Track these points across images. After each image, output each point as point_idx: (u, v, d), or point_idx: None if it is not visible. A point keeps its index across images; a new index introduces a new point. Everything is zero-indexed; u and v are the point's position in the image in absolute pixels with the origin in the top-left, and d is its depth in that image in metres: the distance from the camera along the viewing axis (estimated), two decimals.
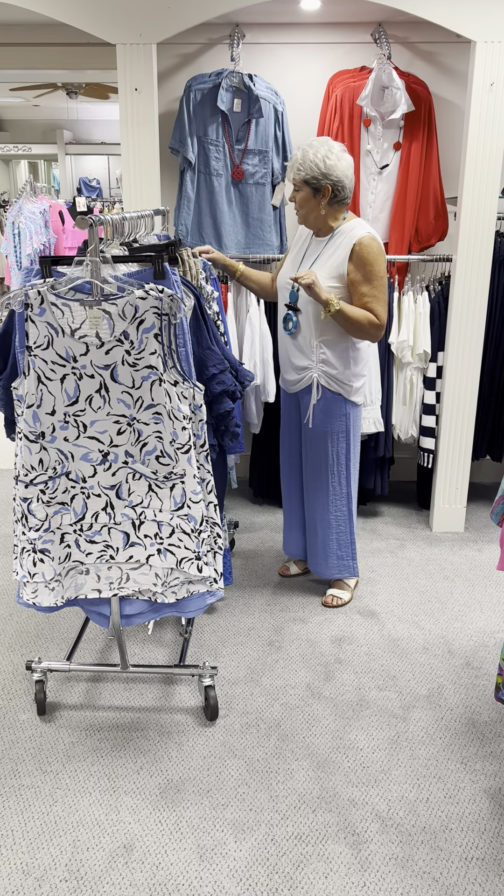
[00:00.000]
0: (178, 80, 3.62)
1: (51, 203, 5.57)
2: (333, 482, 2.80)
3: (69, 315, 1.89)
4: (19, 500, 2.06)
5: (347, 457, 2.79)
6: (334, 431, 2.73)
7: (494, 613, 2.91)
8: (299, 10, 3.34)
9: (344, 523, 2.87)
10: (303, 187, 2.53)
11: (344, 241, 2.56)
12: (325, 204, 2.54)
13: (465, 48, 3.44)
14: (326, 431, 2.73)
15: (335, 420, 2.72)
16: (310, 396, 2.71)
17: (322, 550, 2.91)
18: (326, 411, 2.71)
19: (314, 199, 2.54)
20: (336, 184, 2.50)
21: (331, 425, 2.72)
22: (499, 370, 3.59)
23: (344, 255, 2.54)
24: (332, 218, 2.59)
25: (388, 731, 2.26)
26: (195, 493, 2.03)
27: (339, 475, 2.79)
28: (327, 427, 2.72)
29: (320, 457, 2.77)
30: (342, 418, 2.73)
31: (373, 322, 2.54)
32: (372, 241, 2.53)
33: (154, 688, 2.47)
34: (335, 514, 2.85)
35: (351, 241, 2.54)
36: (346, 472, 2.81)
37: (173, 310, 1.87)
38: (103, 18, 3.05)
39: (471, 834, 1.90)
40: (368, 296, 2.54)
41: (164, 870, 1.80)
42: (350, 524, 2.88)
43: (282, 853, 1.85)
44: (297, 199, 2.58)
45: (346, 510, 2.86)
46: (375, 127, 3.35)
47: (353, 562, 2.93)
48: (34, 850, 1.86)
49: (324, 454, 2.76)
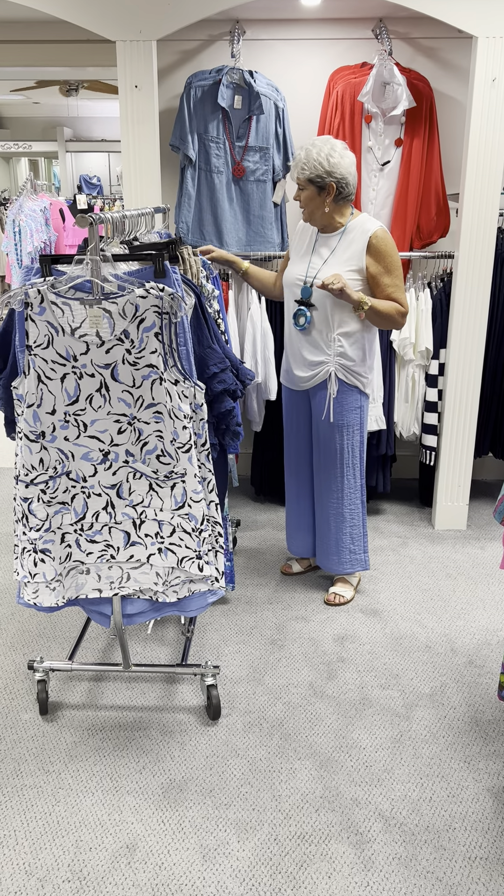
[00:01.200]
0: (179, 76, 3.60)
1: (51, 200, 5.56)
2: (348, 475, 2.81)
3: (69, 314, 1.88)
4: (20, 500, 2.05)
5: (361, 449, 2.83)
6: (350, 424, 2.75)
7: (497, 611, 2.91)
8: (300, 6, 3.32)
9: (358, 516, 2.88)
10: (307, 186, 2.56)
11: (357, 236, 2.60)
12: (329, 201, 2.57)
13: (466, 44, 3.42)
14: (343, 424, 2.75)
15: (351, 413, 2.75)
16: (324, 391, 2.72)
17: (335, 546, 2.91)
18: (343, 404, 2.73)
19: (319, 197, 2.57)
20: (340, 181, 2.55)
21: (347, 418, 2.74)
22: (501, 367, 3.58)
23: (360, 249, 2.59)
24: (339, 214, 2.63)
25: (391, 730, 2.25)
26: (196, 493, 2.03)
27: (353, 467, 2.81)
28: (344, 420, 2.74)
29: (336, 451, 2.78)
30: (357, 411, 2.76)
31: (400, 311, 2.64)
32: (385, 234, 2.61)
33: (156, 687, 2.46)
34: (349, 507, 2.86)
35: (365, 235, 2.59)
36: (360, 464, 2.84)
37: (174, 308, 1.86)
38: (103, 15, 3.03)
39: (474, 833, 1.89)
40: (392, 286, 2.62)
41: (167, 870, 1.80)
42: (363, 517, 2.90)
43: (285, 853, 1.84)
44: (301, 198, 2.61)
45: (359, 502, 2.88)
46: (377, 123, 3.33)
47: (364, 555, 2.95)
48: (37, 851, 1.85)
49: (339, 448, 2.78)
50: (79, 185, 12.18)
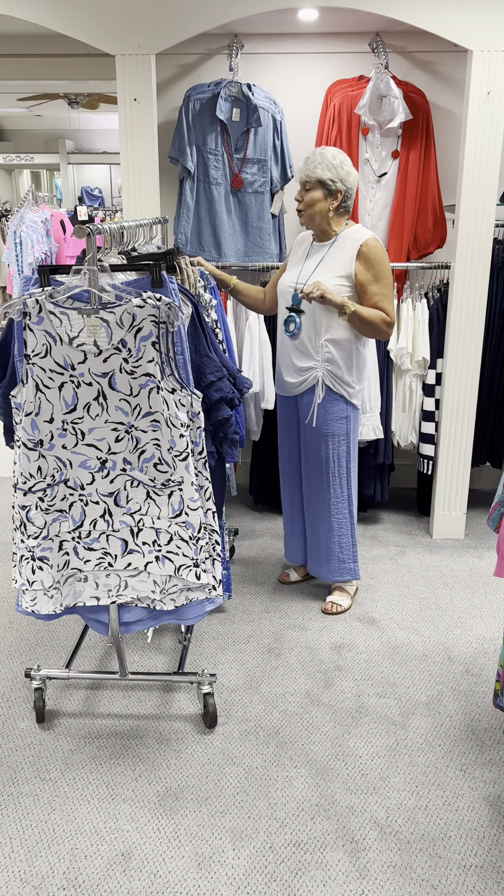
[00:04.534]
0: (178, 90, 3.64)
1: (52, 212, 5.60)
2: (334, 484, 2.82)
3: (67, 323, 1.90)
4: (18, 508, 2.07)
5: (347, 459, 2.82)
6: (335, 433, 2.76)
7: (494, 620, 2.91)
8: (297, 20, 3.36)
9: (345, 525, 2.88)
10: (317, 186, 2.58)
11: (348, 244, 2.63)
12: (334, 207, 2.61)
13: (462, 57, 3.46)
14: (328, 433, 2.76)
15: (336, 422, 2.75)
16: (311, 396, 2.74)
17: (324, 553, 2.92)
18: (328, 412, 2.74)
19: (325, 201, 2.59)
20: (346, 192, 2.60)
21: (332, 427, 2.75)
22: (498, 376, 3.60)
23: (351, 256, 2.61)
24: (336, 223, 2.66)
25: (388, 739, 2.26)
26: (193, 501, 2.04)
27: (339, 477, 2.82)
28: (329, 429, 2.75)
29: (321, 459, 2.80)
30: (343, 421, 2.76)
31: (385, 320, 2.63)
32: (377, 243, 2.63)
33: (153, 695, 2.47)
34: (336, 516, 2.86)
35: (356, 243, 2.62)
36: (347, 473, 2.83)
37: (171, 318, 1.88)
38: (103, 30, 3.07)
39: (469, 841, 1.89)
40: (379, 294, 2.62)
41: (162, 878, 1.80)
42: (351, 526, 2.90)
43: (280, 861, 1.84)
44: (305, 199, 2.61)
45: (346, 512, 2.87)
46: (373, 135, 3.37)
47: (354, 564, 2.94)
48: (32, 858, 1.85)
49: (324, 456, 2.79)
50: (80, 196, 12.25)
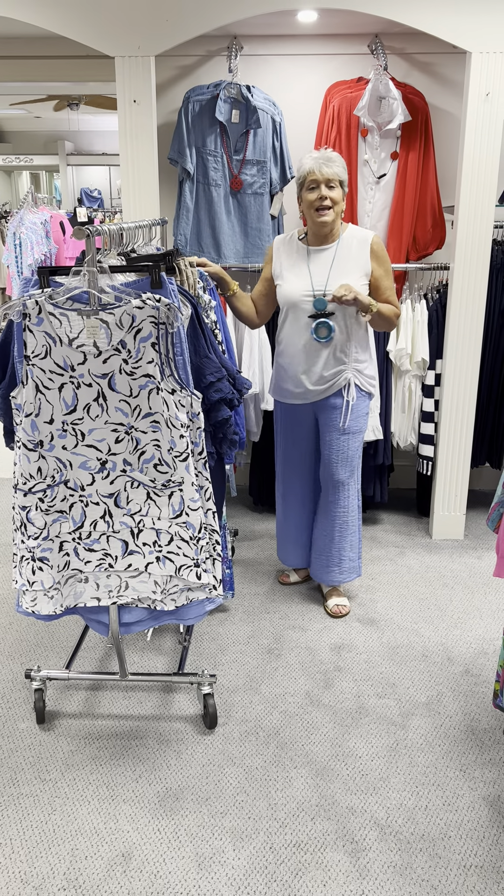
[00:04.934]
0: (177, 91, 3.65)
1: (52, 213, 5.60)
2: (350, 480, 2.84)
3: (67, 325, 1.91)
4: (18, 509, 2.07)
5: (359, 454, 2.86)
6: (360, 430, 2.80)
7: (494, 620, 2.91)
8: (296, 22, 3.37)
9: (354, 522, 2.90)
10: (338, 186, 2.59)
11: (356, 243, 2.66)
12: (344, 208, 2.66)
13: (460, 59, 3.46)
14: (355, 430, 2.78)
15: (362, 418, 2.79)
16: (337, 400, 2.72)
17: (337, 557, 2.91)
18: (357, 411, 2.76)
19: (342, 202, 2.63)
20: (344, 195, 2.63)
21: (358, 423, 2.78)
22: (497, 377, 3.61)
23: (366, 254, 2.65)
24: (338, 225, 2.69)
25: (387, 739, 2.26)
26: (193, 501, 2.04)
27: (353, 472, 2.85)
28: (356, 426, 2.78)
29: (345, 457, 2.79)
30: (366, 417, 2.81)
31: (396, 312, 2.71)
32: (380, 239, 2.70)
33: (153, 696, 2.47)
34: (353, 513, 2.88)
35: (365, 240, 2.66)
36: (359, 468, 2.87)
37: (170, 319, 1.88)
38: (102, 31, 3.08)
39: (469, 841, 1.90)
40: (389, 289, 2.70)
41: (163, 878, 1.80)
42: (359, 522, 2.93)
43: (280, 861, 1.85)
44: (333, 197, 2.56)
45: (356, 507, 2.90)
46: (373, 137, 3.37)
47: (359, 561, 2.98)
48: (32, 859, 1.86)
49: (347, 453, 2.79)
50: (80, 198, 12.27)
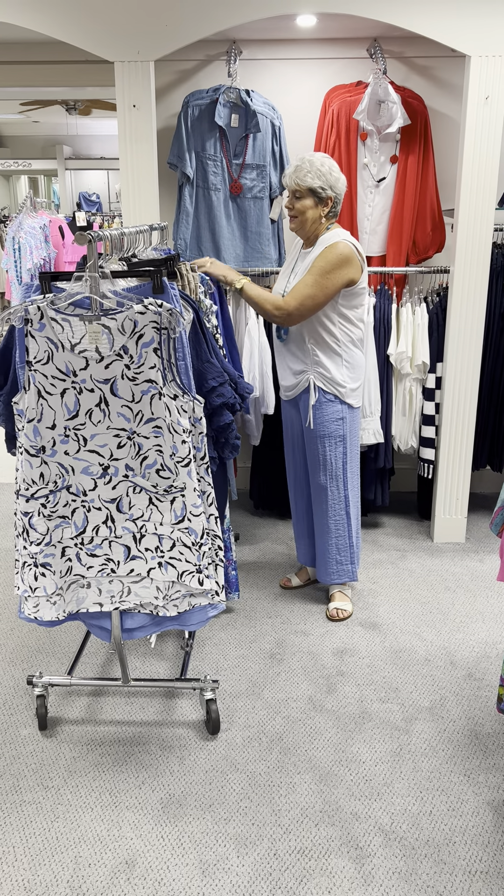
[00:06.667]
0: (176, 96, 3.65)
1: (51, 218, 5.60)
2: (331, 486, 2.83)
3: (69, 330, 1.90)
4: (20, 515, 2.06)
5: (344, 461, 2.83)
6: (331, 434, 2.78)
7: (496, 624, 2.91)
8: (295, 26, 3.37)
9: (343, 527, 2.89)
10: (307, 195, 2.59)
11: (320, 247, 2.64)
12: (325, 213, 2.62)
13: (459, 62, 3.47)
14: (325, 434, 2.78)
15: (332, 423, 2.77)
16: (307, 397, 2.76)
17: (322, 556, 2.95)
18: (324, 413, 2.76)
19: (316, 209, 2.61)
20: (335, 198, 2.62)
21: (328, 428, 2.77)
22: (498, 380, 3.60)
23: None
24: (324, 229, 2.67)
25: (391, 744, 2.25)
26: (196, 506, 2.04)
27: (335, 479, 2.83)
28: (325, 430, 2.77)
29: (319, 460, 2.82)
30: (339, 422, 2.78)
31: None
32: (339, 248, 2.56)
33: (155, 702, 2.46)
34: (333, 518, 2.88)
35: (324, 244, 2.62)
36: (343, 475, 2.84)
37: (172, 324, 1.88)
38: (101, 36, 3.08)
39: (474, 847, 1.89)
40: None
41: (167, 885, 1.79)
42: (348, 528, 2.91)
43: (284, 868, 1.84)
44: (296, 206, 2.62)
45: (343, 514, 2.88)
46: (372, 141, 3.37)
47: (351, 566, 2.96)
48: (35, 867, 1.85)
49: (322, 457, 2.81)
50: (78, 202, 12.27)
